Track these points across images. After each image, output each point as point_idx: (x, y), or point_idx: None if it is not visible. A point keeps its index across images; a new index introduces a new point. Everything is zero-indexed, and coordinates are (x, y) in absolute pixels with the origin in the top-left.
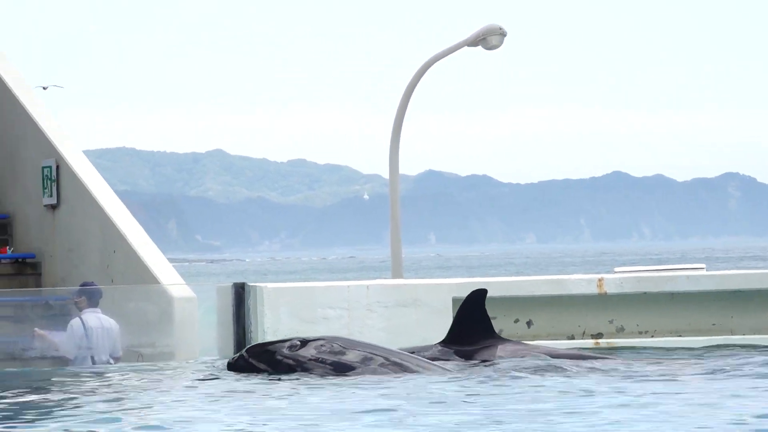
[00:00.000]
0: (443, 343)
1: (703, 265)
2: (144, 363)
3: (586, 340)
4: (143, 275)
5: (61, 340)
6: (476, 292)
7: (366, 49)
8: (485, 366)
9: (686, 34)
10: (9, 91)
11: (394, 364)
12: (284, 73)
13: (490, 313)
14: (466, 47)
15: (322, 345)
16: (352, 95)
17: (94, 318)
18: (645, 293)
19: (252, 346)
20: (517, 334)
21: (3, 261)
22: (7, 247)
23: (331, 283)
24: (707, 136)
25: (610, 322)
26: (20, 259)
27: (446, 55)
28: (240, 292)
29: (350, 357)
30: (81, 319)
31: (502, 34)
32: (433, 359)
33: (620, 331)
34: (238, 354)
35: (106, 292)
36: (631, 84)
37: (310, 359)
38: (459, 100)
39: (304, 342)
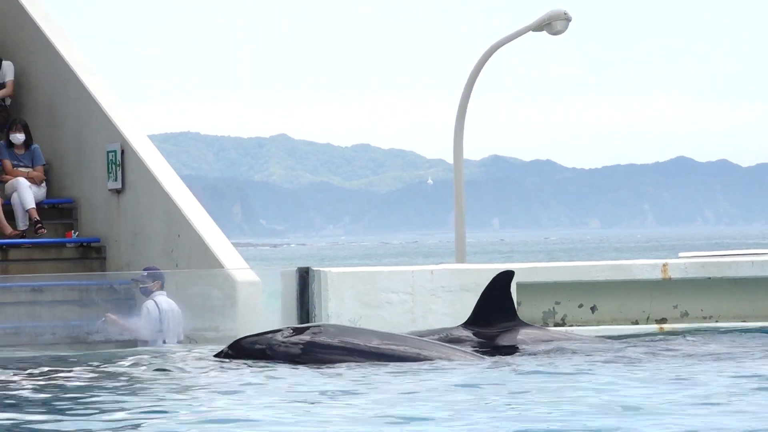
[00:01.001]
0: (465, 324)
1: None
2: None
3: (650, 326)
4: (208, 259)
5: (137, 323)
6: (502, 274)
7: (431, 34)
8: (503, 350)
9: (751, 23)
10: (74, 76)
11: (391, 351)
12: (348, 58)
13: (554, 299)
14: (530, 32)
15: (315, 333)
16: (417, 80)
17: (165, 301)
18: (709, 278)
19: (241, 338)
20: (582, 319)
21: (68, 245)
22: (72, 232)
23: (395, 268)
24: None
25: (675, 307)
26: (85, 244)
27: (511, 40)
28: (304, 277)
29: (343, 345)
30: (155, 301)
31: (567, 19)
32: (454, 341)
33: (684, 317)
34: (226, 346)
35: (170, 277)
36: (695, 70)
37: (302, 348)
38: (523, 85)
39: (296, 331)
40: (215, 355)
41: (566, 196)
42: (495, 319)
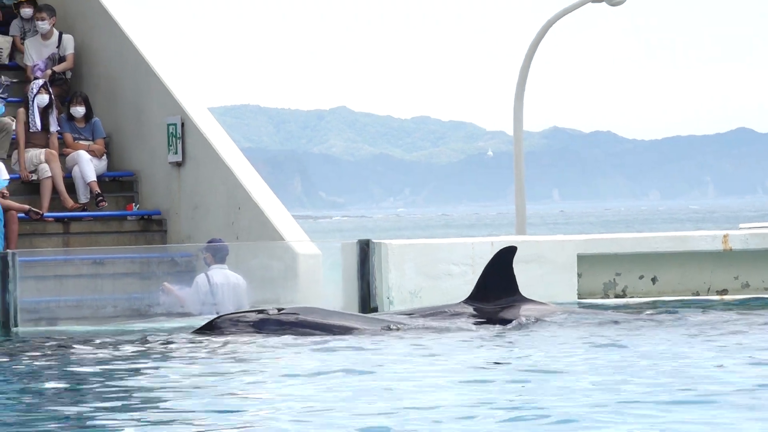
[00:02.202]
0: (467, 300)
1: None
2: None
3: (711, 297)
4: (268, 232)
5: (187, 295)
6: (506, 249)
7: (491, 4)
8: (502, 325)
9: None
10: (135, 50)
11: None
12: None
13: (615, 270)
14: (590, 3)
15: (293, 316)
16: (477, 51)
17: (221, 274)
18: None
19: (222, 315)
20: (642, 291)
21: (129, 218)
22: (133, 204)
23: (456, 240)
24: None
25: (735, 278)
26: (146, 216)
27: (571, 11)
28: (365, 249)
29: (318, 327)
30: (207, 275)
31: None
32: (455, 316)
33: (745, 287)
34: (207, 322)
35: (231, 249)
36: (756, 40)
37: (280, 328)
38: (583, 56)
39: (277, 312)
40: (194, 331)
41: (626, 167)
42: (497, 295)
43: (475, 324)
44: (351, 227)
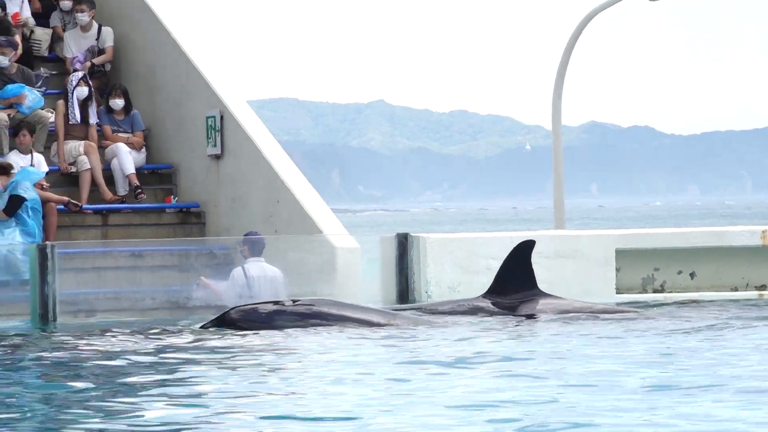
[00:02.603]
0: (485, 295)
1: None
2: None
3: (749, 292)
4: (307, 225)
5: (224, 288)
6: (524, 243)
7: None
8: (520, 320)
9: None
10: (174, 42)
11: (377, 325)
12: (447, 22)
13: (653, 265)
14: None
15: (309, 307)
16: (516, 45)
17: (257, 267)
18: None
19: (233, 307)
20: (681, 286)
21: (168, 211)
22: (172, 197)
23: (494, 234)
24: None
25: None
26: (184, 209)
27: (611, 5)
28: (403, 243)
29: (334, 319)
30: (243, 268)
31: None
32: (473, 311)
33: None
34: (221, 314)
35: (269, 242)
36: None
37: (295, 321)
38: (622, 51)
39: (292, 304)
40: (201, 327)
41: (664, 162)
42: (515, 289)
43: (491, 318)
44: (389, 221)
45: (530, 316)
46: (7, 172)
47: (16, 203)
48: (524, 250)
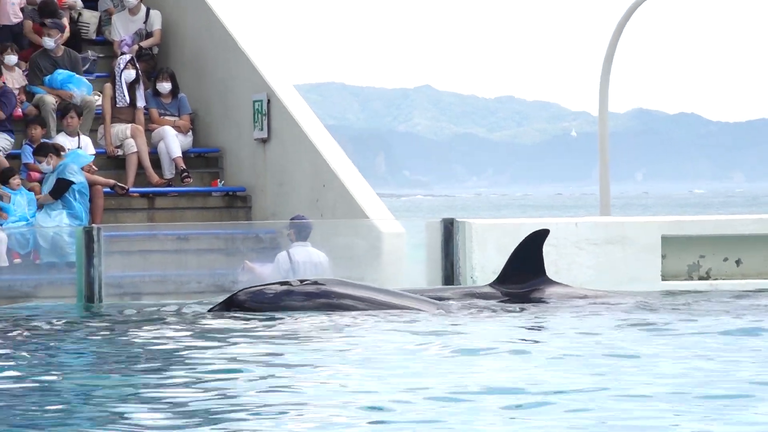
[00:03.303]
0: (493, 283)
1: None
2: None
3: None
4: (353, 210)
5: (268, 273)
6: (538, 232)
7: None
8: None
9: None
10: (221, 26)
11: (387, 305)
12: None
13: (699, 252)
14: None
15: (317, 287)
16: (563, 31)
17: (303, 252)
18: None
19: (241, 290)
20: (726, 273)
21: (214, 194)
22: (218, 181)
23: (539, 220)
24: None
25: None
26: (231, 193)
27: None
28: (449, 228)
29: (341, 300)
30: (288, 252)
31: None
32: (481, 298)
33: None
34: (227, 297)
35: (315, 226)
36: None
37: (302, 302)
38: (669, 37)
39: (300, 284)
40: (209, 310)
41: (711, 149)
42: (523, 278)
43: (497, 306)
44: (434, 206)
45: (538, 302)
46: (58, 154)
47: (63, 187)
48: (537, 238)
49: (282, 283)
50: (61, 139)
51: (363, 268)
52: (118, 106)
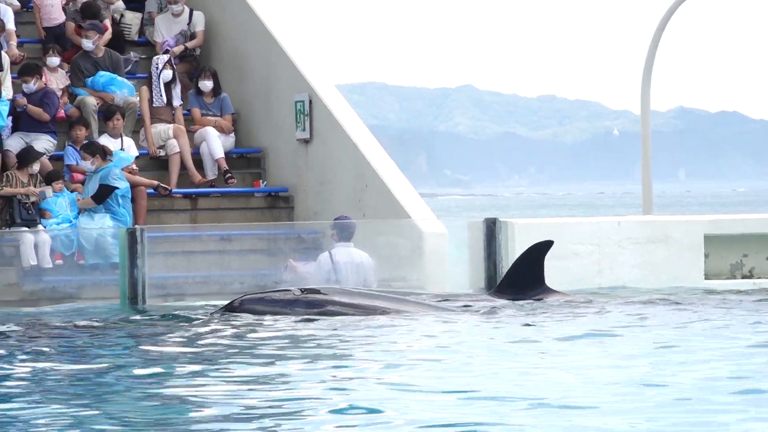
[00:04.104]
0: (492, 292)
1: None
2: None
3: None
4: (395, 210)
5: (310, 273)
6: (541, 243)
7: None
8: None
9: None
10: (263, 27)
11: (388, 312)
12: (534, 6)
13: (742, 251)
14: None
15: (317, 296)
16: (604, 29)
17: (345, 252)
18: None
19: (242, 295)
20: None
21: (256, 195)
22: (260, 181)
23: (582, 219)
24: None
25: None
26: (273, 193)
27: None
28: (491, 228)
29: (343, 307)
30: (330, 253)
31: None
32: (476, 304)
33: None
34: (229, 302)
35: (358, 227)
36: None
37: (302, 310)
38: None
39: (300, 293)
40: (210, 314)
41: (753, 147)
42: (524, 287)
43: (490, 315)
44: (476, 205)
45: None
46: (104, 156)
47: (106, 193)
48: (540, 249)
49: (283, 291)
50: (104, 141)
51: (405, 269)
52: (155, 105)
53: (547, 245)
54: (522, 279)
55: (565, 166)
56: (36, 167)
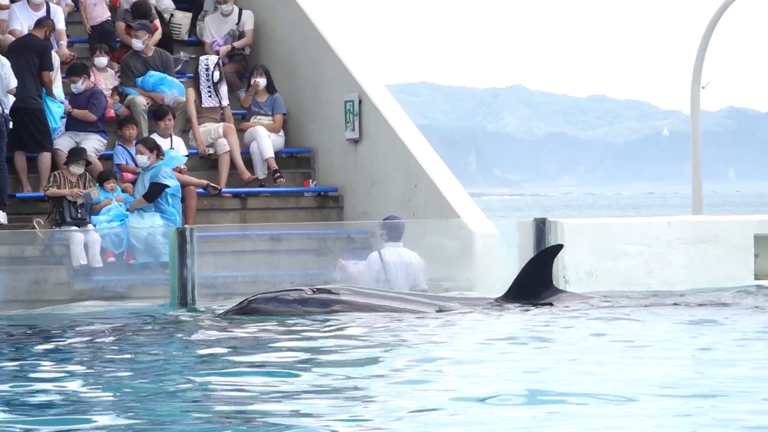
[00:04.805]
0: (500, 298)
1: None
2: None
3: None
4: (444, 210)
5: (360, 273)
6: (551, 248)
7: None
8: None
9: None
10: (313, 26)
11: (401, 312)
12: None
13: None
14: None
15: (330, 295)
16: (654, 29)
17: (394, 252)
18: None
19: (257, 294)
20: None
21: (306, 194)
22: (310, 181)
23: (631, 219)
24: None
25: None
26: (323, 193)
27: None
28: (541, 228)
29: (356, 306)
30: (379, 253)
31: None
32: (485, 308)
33: None
34: (240, 302)
35: (407, 226)
36: None
37: (315, 309)
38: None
39: (312, 292)
40: (220, 315)
41: None
42: (533, 292)
43: (502, 318)
44: (525, 205)
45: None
46: (158, 154)
47: (156, 191)
48: (550, 254)
49: (296, 290)
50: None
51: (454, 269)
52: (204, 105)
53: (555, 250)
54: (530, 285)
55: (615, 166)
56: (78, 169)
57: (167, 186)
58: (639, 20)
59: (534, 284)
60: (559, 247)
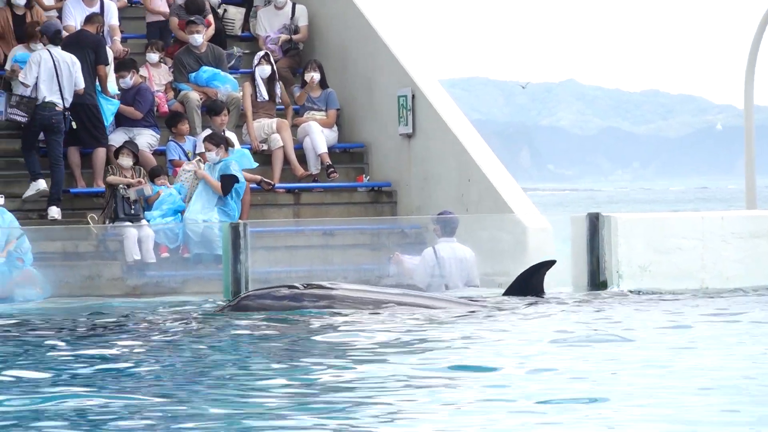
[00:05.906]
0: (494, 300)
1: None
2: None
3: None
4: (498, 204)
5: (416, 268)
6: (544, 263)
7: None
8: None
9: None
10: (366, 21)
11: (393, 307)
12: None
13: None
14: None
15: (322, 290)
16: (707, 24)
17: (448, 248)
18: None
19: (248, 292)
20: None
21: (359, 190)
22: (364, 176)
23: (685, 214)
24: None
25: None
26: (376, 188)
27: None
28: (594, 223)
29: (349, 302)
30: (434, 248)
31: None
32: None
33: None
34: (235, 298)
35: (461, 221)
36: None
37: (308, 305)
38: None
39: (304, 288)
40: (216, 311)
41: None
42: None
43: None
44: (579, 200)
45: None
46: (227, 148)
47: (230, 182)
48: (543, 267)
49: (289, 287)
50: None
51: (508, 264)
52: (258, 100)
53: (548, 265)
54: (521, 293)
55: (669, 161)
56: (127, 160)
57: (238, 180)
58: (692, 14)
59: (524, 294)
60: (552, 262)
